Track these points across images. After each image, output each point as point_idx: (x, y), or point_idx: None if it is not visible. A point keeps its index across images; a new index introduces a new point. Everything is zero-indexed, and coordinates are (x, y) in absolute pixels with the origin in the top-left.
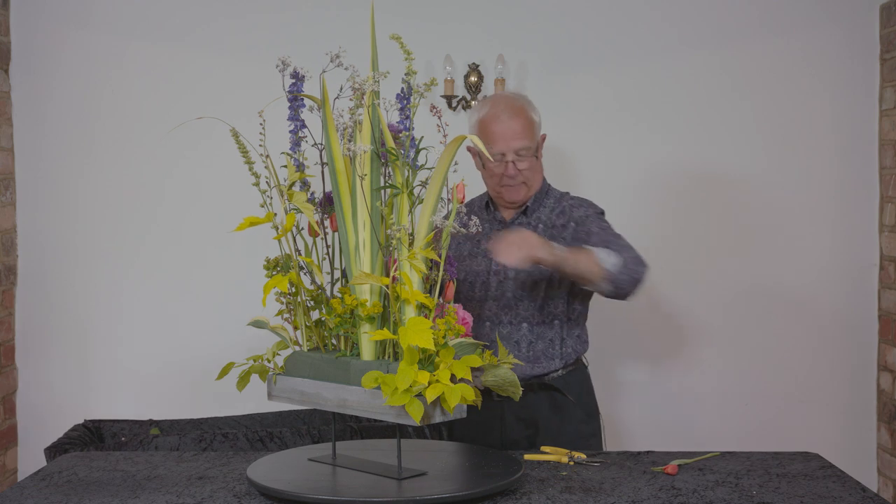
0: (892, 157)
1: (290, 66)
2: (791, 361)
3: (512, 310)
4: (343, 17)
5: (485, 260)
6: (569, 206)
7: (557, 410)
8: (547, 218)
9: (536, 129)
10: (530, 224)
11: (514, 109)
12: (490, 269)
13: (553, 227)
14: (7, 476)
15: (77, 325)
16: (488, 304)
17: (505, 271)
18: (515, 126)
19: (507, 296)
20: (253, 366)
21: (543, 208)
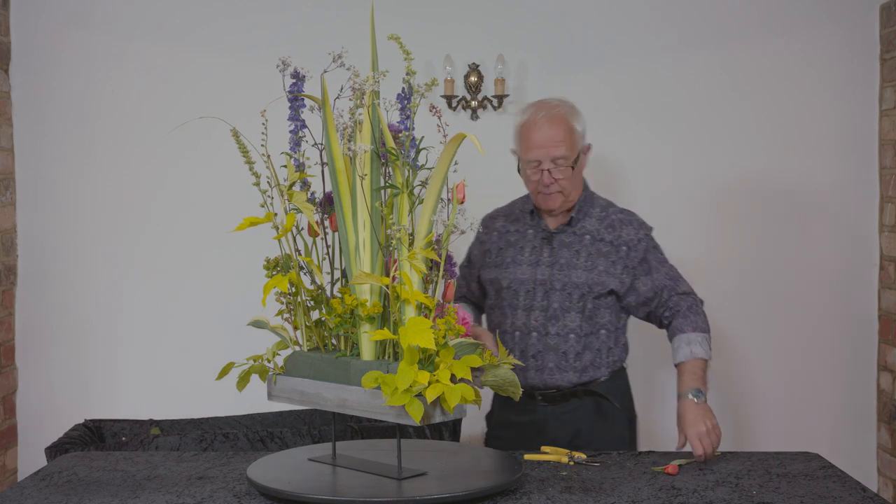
0: (892, 157)
1: (290, 66)
2: (791, 361)
3: (559, 321)
4: (343, 17)
5: (530, 269)
6: (617, 220)
7: (602, 416)
8: (594, 229)
9: (577, 139)
10: (576, 235)
11: (555, 117)
12: (535, 279)
13: (601, 240)
14: (7, 476)
15: (77, 325)
16: (534, 315)
17: (551, 282)
18: (554, 134)
19: (554, 307)
20: (253, 366)
21: (589, 218)
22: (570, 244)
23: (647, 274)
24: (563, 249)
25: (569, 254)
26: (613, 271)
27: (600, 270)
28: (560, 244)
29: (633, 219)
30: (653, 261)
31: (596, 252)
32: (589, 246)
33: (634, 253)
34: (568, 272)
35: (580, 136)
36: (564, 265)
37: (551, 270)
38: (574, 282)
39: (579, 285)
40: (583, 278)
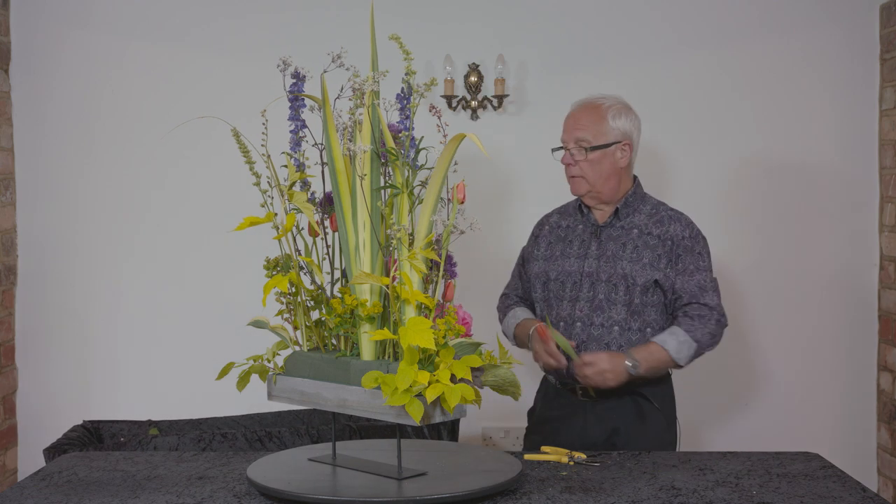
0: (892, 157)
1: (290, 66)
2: (791, 361)
3: (604, 312)
4: (343, 17)
5: (577, 261)
6: (666, 216)
7: (641, 417)
8: (643, 224)
9: (607, 129)
10: (624, 229)
11: (589, 105)
12: (583, 271)
13: (648, 234)
14: (7, 476)
15: (77, 325)
16: (580, 305)
17: (597, 274)
18: (581, 118)
19: (600, 297)
20: (253, 366)
21: (639, 214)
22: (617, 237)
23: (682, 274)
24: (609, 242)
25: (615, 246)
26: (658, 264)
27: (645, 262)
28: (608, 237)
29: (683, 218)
30: (690, 263)
31: (642, 245)
32: (636, 239)
33: (677, 249)
34: (613, 264)
35: (613, 129)
36: (611, 257)
37: (598, 262)
38: (619, 272)
39: (624, 276)
40: (627, 269)
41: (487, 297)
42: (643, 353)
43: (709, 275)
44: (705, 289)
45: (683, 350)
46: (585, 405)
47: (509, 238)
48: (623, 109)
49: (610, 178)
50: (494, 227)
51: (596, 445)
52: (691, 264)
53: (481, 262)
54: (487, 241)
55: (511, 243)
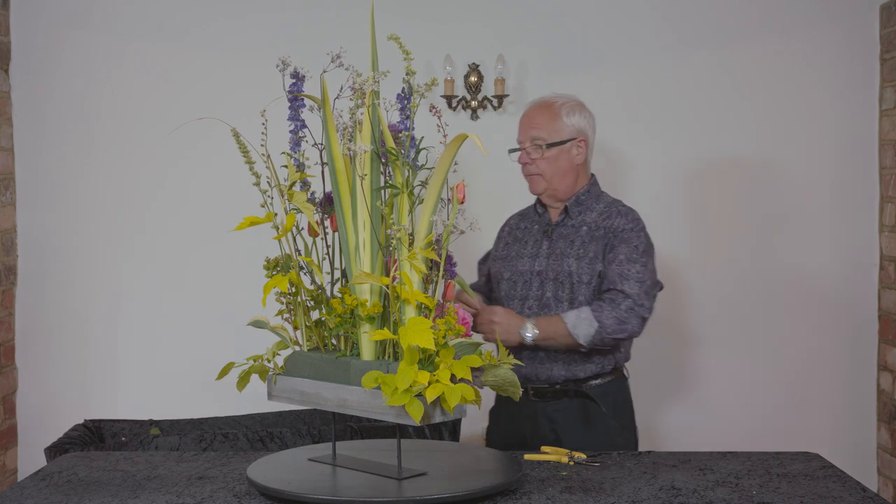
0: (892, 157)
1: (290, 65)
2: (791, 361)
3: (551, 310)
4: (343, 17)
5: (529, 260)
6: (615, 212)
7: (587, 420)
8: (592, 221)
9: (562, 127)
10: (574, 227)
11: (544, 104)
12: (533, 270)
13: (596, 230)
14: (7, 476)
15: (77, 325)
16: (528, 304)
17: (546, 272)
18: (535, 117)
19: (548, 296)
20: (253, 366)
21: (591, 212)
22: (566, 235)
23: (611, 262)
24: (560, 241)
25: (564, 244)
26: (600, 257)
27: (590, 258)
28: (559, 236)
29: (630, 212)
30: (621, 253)
31: (589, 240)
32: (584, 236)
33: (613, 240)
34: (561, 261)
35: (568, 126)
36: (559, 255)
37: (548, 261)
38: (565, 270)
39: (570, 274)
40: (573, 267)
41: None
42: (543, 322)
43: (638, 268)
44: (626, 277)
45: (582, 326)
46: (536, 405)
47: None
48: (577, 107)
49: (566, 175)
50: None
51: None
52: (622, 254)
53: None
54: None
55: None
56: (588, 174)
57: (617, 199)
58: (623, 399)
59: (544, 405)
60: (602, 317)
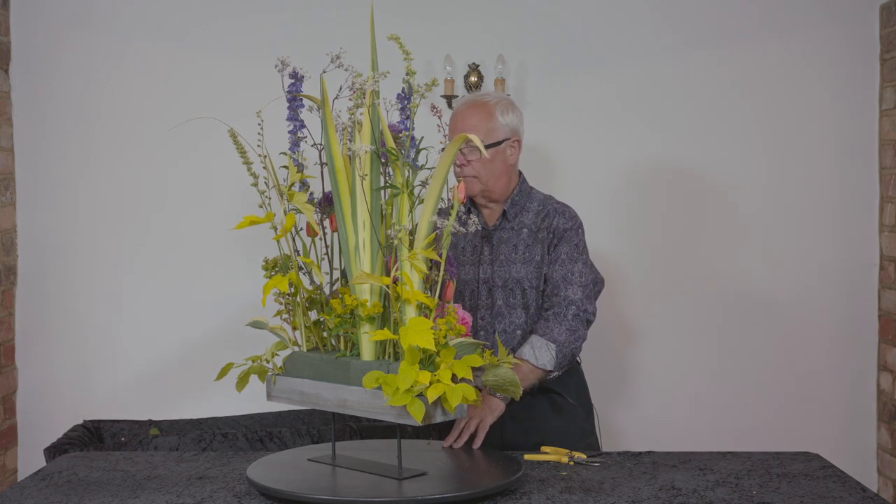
0: (892, 157)
1: (289, 66)
2: (791, 361)
3: (504, 318)
4: (343, 17)
5: (472, 268)
6: (552, 210)
7: (558, 412)
8: (531, 222)
9: (496, 127)
10: (514, 230)
11: (475, 105)
12: (479, 278)
13: (538, 230)
14: (7, 476)
15: (77, 325)
16: (480, 313)
17: (493, 280)
18: (469, 117)
19: (499, 304)
20: (252, 366)
21: (527, 212)
22: (507, 239)
23: (553, 262)
24: (501, 245)
25: (507, 249)
26: (544, 258)
27: (537, 261)
28: (499, 240)
29: (567, 210)
30: (563, 253)
31: (532, 243)
32: (526, 238)
33: (555, 239)
34: (508, 268)
35: (503, 126)
36: (504, 261)
37: (493, 268)
38: (514, 277)
39: (520, 280)
40: (522, 272)
41: None
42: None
43: (582, 267)
44: (570, 281)
45: (542, 355)
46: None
47: None
48: (509, 105)
49: (501, 175)
50: None
51: (520, 446)
52: (563, 253)
53: None
54: None
55: None
56: (517, 173)
57: (548, 195)
58: (581, 386)
59: (511, 408)
60: (554, 335)
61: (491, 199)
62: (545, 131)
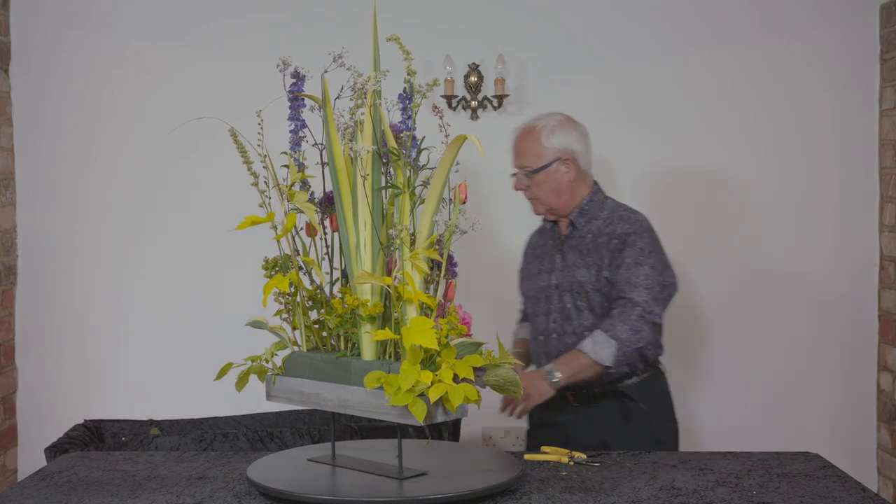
0: (892, 157)
1: (290, 65)
2: (791, 361)
3: (573, 321)
4: (343, 17)
5: (546, 275)
6: (617, 217)
7: (626, 419)
8: (597, 229)
9: (543, 150)
10: (580, 236)
11: (526, 130)
12: (550, 284)
13: (600, 237)
14: (7, 476)
15: (77, 325)
16: (552, 317)
17: (562, 284)
18: (520, 145)
19: (568, 307)
20: (251, 366)
21: (596, 220)
22: (575, 246)
23: (619, 267)
24: (570, 252)
25: (574, 255)
26: (605, 263)
27: (597, 266)
28: (569, 248)
29: (631, 216)
30: (628, 257)
31: (594, 248)
32: (589, 244)
33: (620, 244)
34: (573, 272)
35: (548, 149)
36: (571, 266)
37: (562, 274)
38: (579, 280)
39: (582, 283)
40: (584, 276)
41: (487, 296)
42: (563, 360)
43: (646, 270)
44: (634, 284)
45: (602, 350)
46: (577, 410)
47: (508, 238)
48: (557, 126)
49: (560, 193)
50: (493, 228)
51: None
52: (628, 257)
53: (480, 262)
54: (486, 242)
55: (510, 243)
56: (588, 184)
57: (621, 204)
58: (661, 393)
59: (585, 409)
60: (616, 333)
61: (559, 215)
62: None
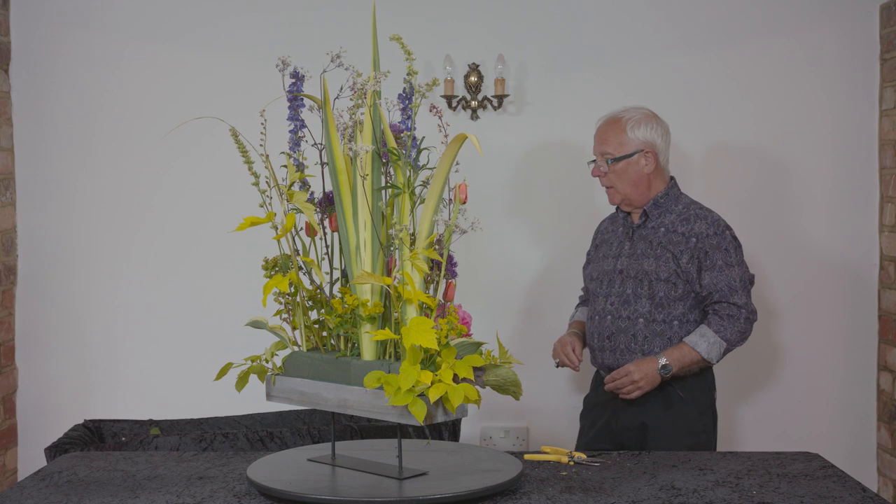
0: (892, 157)
1: (290, 65)
2: (791, 361)
3: (630, 305)
4: (343, 17)
5: (613, 260)
6: (693, 215)
7: (667, 407)
8: (671, 223)
9: (628, 140)
10: (653, 228)
11: (611, 120)
12: (615, 269)
13: (674, 232)
14: (7, 476)
15: (77, 325)
16: (611, 300)
17: (627, 270)
18: (603, 133)
19: (628, 293)
20: (251, 366)
21: (669, 214)
22: (646, 237)
23: (710, 270)
24: (640, 242)
25: (644, 245)
26: (680, 260)
27: (667, 258)
28: (639, 237)
29: (709, 215)
30: (719, 260)
31: (667, 242)
32: (661, 237)
33: (701, 245)
34: (640, 261)
35: (632, 140)
36: (639, 255)
37: (629, 261)
38: (644, 269)
39: (648, 273)
40: (652, 266)
41: (487, 296)
42: (675, 355)
43: (738, 270)
44: (734, 288)
45: (714, 350)
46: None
47: (507, 238)
48: (643, 120)
49: (638, 184)
50: (492, 227)
51: (629, 431)
52: (720, 260)
53: (480, 262)
54: (486, 242)
55: (511, 243)
56: (665, 178)
57: (696, 202)
58: (702, 384)
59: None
60: (727, 334)
61: (633, 206)
62: (545, 132)
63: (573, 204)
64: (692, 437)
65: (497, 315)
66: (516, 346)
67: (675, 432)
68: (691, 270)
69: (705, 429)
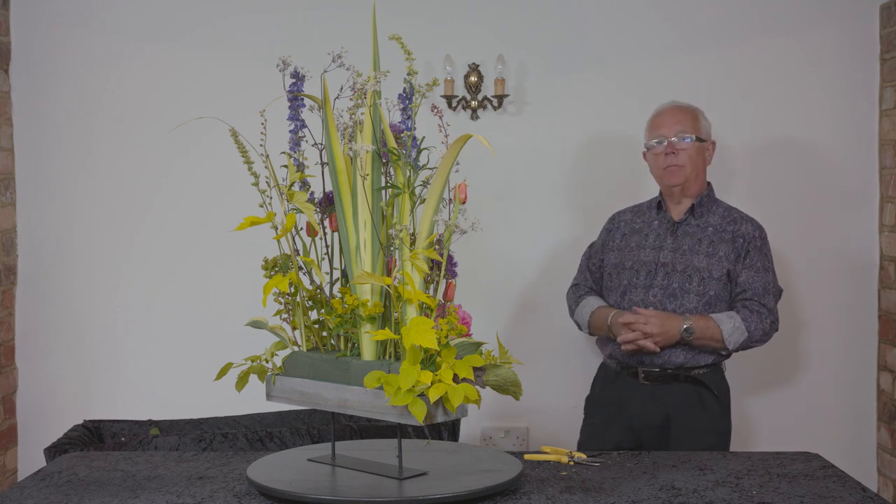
0: (892, 157)
1: (290, 65)
2: (791, 361)
3: (677, 300)
4: (343, 17)
5: (653, 252)
6: (739, 217)
7: (696, 405)
8: (718, 223)
9: (702, 126)
10: (699, 226)
11: (682, 106)
12: (658, 261)
13: (723, 231)
14: (7, 476)
15: (77, 325)
16: (653, 292)
17: (673, 265)
18: (679, 115)
19: (674, 286)
20: (251, 366)
21: (713, 215)
22: (692, 233)
23: (749, 269)
24: (686, 238)
25: (691, 241)
26: (730, 258)
27: (720, 256)
28: (684, 233)
29: (753, 219)
30: (757, 262)
31: (718, 240)
32: (711, 235)
33: (747, 245)
34: (690, 257)
35: (706, 127)
36: (687, 251)
37: (674, 255)
38: (695, 265)
39: (700, 269)
40: (704, 263)
41: (487, 296)
42: (700, 324)
43: (772, 277)
44: (768, 291)
45: (735, 335)
46: (645, 388)
47: (507, 238)
48: (702, 112)
49: (699, 171)
50: (492, 227)
51: (652, 427)
52: (759, 262)
53: (480, 262)
54: (486, 242)
55: (511, 243)
56: (706, 180)
57: (733, 206)
58: (724, 386)
59: (654, 389)
60: (751, 327)
61: (685, 195)
62: (545, 131)
63: (573, 204)
64: (714, 437)
65: (497, 315)
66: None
67: (701, 431)
68: (737, 269)
69: (726, 430)
